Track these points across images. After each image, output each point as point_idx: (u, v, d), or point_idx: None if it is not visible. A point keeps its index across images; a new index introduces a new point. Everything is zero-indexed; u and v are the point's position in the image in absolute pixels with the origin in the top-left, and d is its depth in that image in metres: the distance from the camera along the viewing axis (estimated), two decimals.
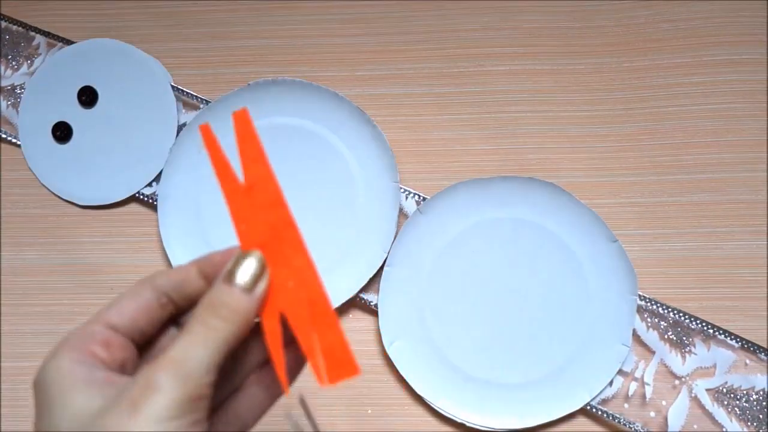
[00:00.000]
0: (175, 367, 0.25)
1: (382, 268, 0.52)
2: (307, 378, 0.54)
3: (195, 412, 0.25)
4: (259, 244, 0.28)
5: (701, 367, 0.51)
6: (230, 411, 0.30)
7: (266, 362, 0.30)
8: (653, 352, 0.51)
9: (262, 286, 0.27)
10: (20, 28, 0.60)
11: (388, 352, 0.51)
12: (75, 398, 0.25)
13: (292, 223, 0.28)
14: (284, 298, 0.28)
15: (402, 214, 0.54)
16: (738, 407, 0.50)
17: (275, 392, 0.30)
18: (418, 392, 0.50)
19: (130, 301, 0.28)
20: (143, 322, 0.28)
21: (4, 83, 0.60)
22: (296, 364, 0.29)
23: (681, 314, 0.51)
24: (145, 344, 0.29)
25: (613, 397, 0.51)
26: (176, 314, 0.30)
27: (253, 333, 0.29)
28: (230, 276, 0.27)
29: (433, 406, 0.50)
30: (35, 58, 0.60)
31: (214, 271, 0.29)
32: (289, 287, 0.28)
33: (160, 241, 0.55)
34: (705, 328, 0.50)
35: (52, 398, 0.25)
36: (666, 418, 0.50)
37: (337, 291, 0.52)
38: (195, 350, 0.25)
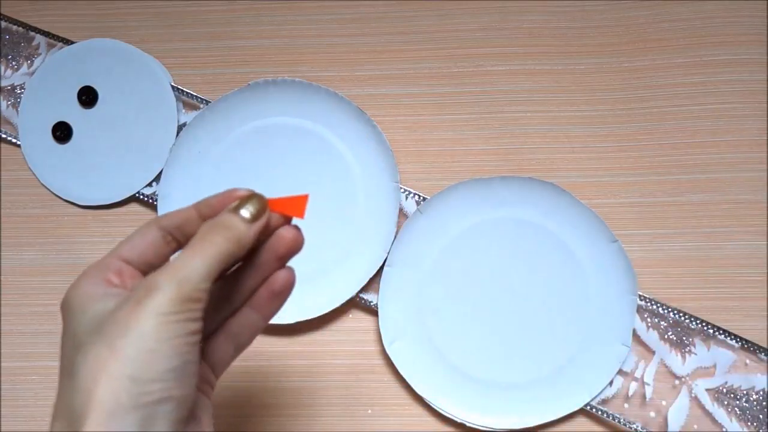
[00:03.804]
0: (174, 273, 0.29)
1: (382, 268, 0.52)
2: (305, 378, 0.53)
3: (190, 311, 0.29)
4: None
5: (701, 367, 0.51)
6: (229, 330, 0.35)
7: (258, 288, 0.35)
8: (653, 352, 0.51)
9: (261, 222, 0.32)
10: (20, 28, 0.60)
11: (388, 352, 0.51)
12: (93, 306, 0.30)
13: None
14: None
15: (402, 214, 0.54)
16: (738, 407, 0.50)
17: (267, 314, 0.35)
18: (418, 392, 0.50)
19: (139, 238, 0.33)
20: (151, 256, 0.33)
21: (4, 83, 0.60)
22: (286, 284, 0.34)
23: (681, 314, 0.51)
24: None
25: (613, 397, 0.51)
26: (179, 249, 0.34)
27: (248, 261, 0.34)
28: (236, 209, 0.32)
29: (433, 406, 0.50)
30: (35, 58, 0.60)
31: (211, 212, 0.33)
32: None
33: None
34: (705, 328, 0.50)
35: (74, 311, 0.30)
36: (666, 418, 0.50)
37: (337, 291, 0.52)
38: (193, 260, 0.29)
